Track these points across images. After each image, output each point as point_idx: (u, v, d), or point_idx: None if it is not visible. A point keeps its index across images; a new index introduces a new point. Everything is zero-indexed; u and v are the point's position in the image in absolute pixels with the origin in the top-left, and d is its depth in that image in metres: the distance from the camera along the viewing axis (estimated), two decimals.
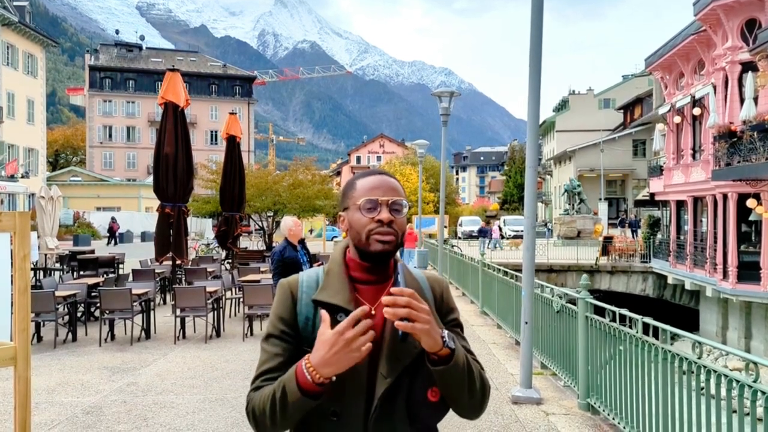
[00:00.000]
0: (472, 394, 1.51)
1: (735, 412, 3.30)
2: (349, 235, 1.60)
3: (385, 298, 1.38)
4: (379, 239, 1.52)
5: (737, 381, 3.29)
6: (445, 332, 1.45)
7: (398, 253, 1.64)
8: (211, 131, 68.73)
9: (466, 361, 1.48)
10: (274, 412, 1.43)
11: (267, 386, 1.48)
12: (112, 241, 36.64)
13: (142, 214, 48.59)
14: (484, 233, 34.02)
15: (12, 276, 2.53)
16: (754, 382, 3.13)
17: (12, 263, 2.51)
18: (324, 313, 1.41)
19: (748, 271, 17.60)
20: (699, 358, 3.73)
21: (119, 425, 5.32)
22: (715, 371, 3.53)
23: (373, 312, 1.53)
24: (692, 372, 3.85)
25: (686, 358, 3.91)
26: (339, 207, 1.67)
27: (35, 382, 6.69)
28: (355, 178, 1.64)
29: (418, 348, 1.46)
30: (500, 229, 36.63)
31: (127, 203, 52.43)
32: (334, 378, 1.42)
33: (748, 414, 3.27)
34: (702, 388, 3.70)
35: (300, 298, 1.59)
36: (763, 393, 3.11)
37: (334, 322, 1.49)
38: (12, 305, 2.55)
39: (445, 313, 1.65)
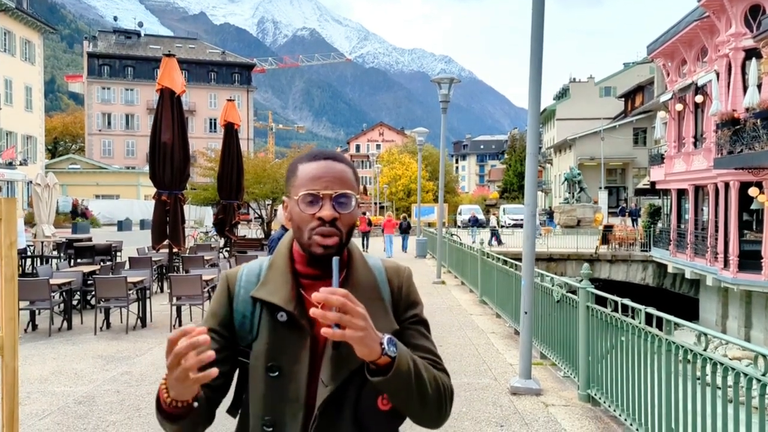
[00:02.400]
0: (424, 404, 1.31)
1: (742, 403, 3.21)
2: (291, 227, 1.41)
3: (315, 296, 1.19)
4: (319, 242, 1.33)
5: (745, 374, 3.19)
6: (386, 337, 1.24)
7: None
8: (210, 119, 68.42)
9: (413, 368, 1.28)
10: (158, 419, 1.30)
11: None
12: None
13: (141, 201, 48.43)
14: (476, 223, 33.65)
15: None
16: (763, 375, 3.02)
17: None
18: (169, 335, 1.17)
19: (749, 260, 17.53)
20: (705, 349, 3.62)
21: (111, 415, 5.24)
22: (721, 363, 3.43)
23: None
24: (697, 363, 3.75)
25: (691, 350, 3.80)
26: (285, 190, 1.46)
27: (29, 371, 6.60)
28: (298, 160, 1.43)
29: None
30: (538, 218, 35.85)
31: (126, 191, 52.29)
32: (195, 404, 1.24)
33: (753, 405, 3.18)
34: (707, 376, 3.60)
35: (237, 293, 1.42)
36: None
37: (273, 323, 1.37)
38: None
39: (405, 308, 1.46)
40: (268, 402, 1.35)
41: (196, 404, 1.24)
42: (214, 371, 1.15)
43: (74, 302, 9.89)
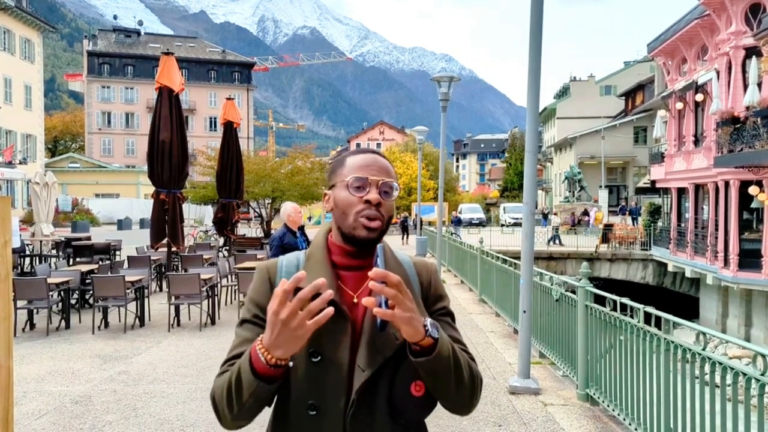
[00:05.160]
0: (459, 388, 1.39)
1: (741, 402, 3.19)
2: (333, 215, 1.49)
3: (372, 282, 1.25)
4: (365, 224, 1.42)
5: (744, 373, 3.16)
6: (428, 320, 1.33)
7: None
8: (210, 117, 68.40)
9: (452, 351, 1.36)
10: (230, 397, 1.32)
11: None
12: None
13: (141, 200, 48.42)
14: (458, 223, 33.26)
15: None
16: (762, 374, 2.99)
17: None
18: (278, 289, 1.23)
19: (749, 259, 17.50)
20: (703, 349, 3.60)
21: (108, 415, 5.20)
22: (720, 363, 3.40)
23: (355, 300, 1.43)
24: (695, 362, 3.72)
25: (690, 349, 3.78)
26: (326, 185, 1.56)
27: (25, 371, 6.58)
28: (346, 154, 1.54)
29: (400, 339, 1.35)
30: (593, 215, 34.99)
31: (126, 189, 52.28)
32: (291, 363, 1.30)
33: (752, 404, 3.16)
34: (706, 375, 3.57)
35: (277, 283, 1.45)
36: None
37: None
38: None
39: (434, 301, 1.54)
40: (312, 387, 1.39)
41: (291, 363, 1.30)
42: (331, 310, 1.21)
43: (72, 301, 9.87)
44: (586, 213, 35.05)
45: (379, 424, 1.41)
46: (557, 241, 26.86)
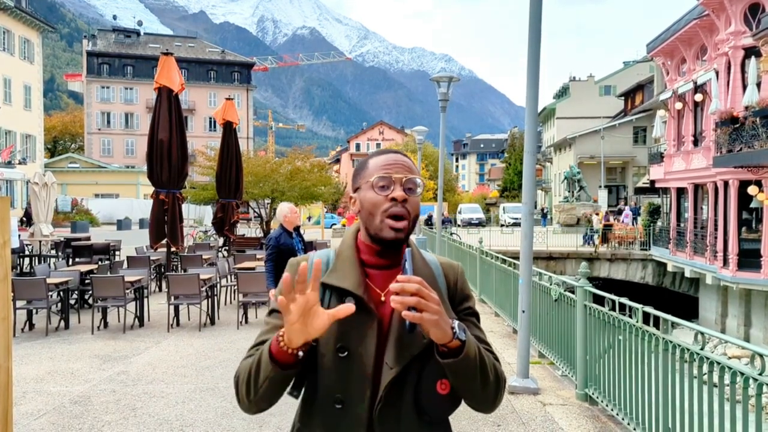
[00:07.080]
0: (485, 387, 1.42)
1: (739, 402, 3.19)
2: (360, 217, 1.54)
3: (392, 286, 1.30)
4: (391, 225, 1.46)
5: (742, 373, 3.17)
6: (456, 323, 1.36)
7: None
8: (210, 118, 68.22)
9: (478, 352, 1.39)
10: (249, 380, 1.39)
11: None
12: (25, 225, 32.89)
13: (140, 200, 48.41)
14: (447, 222, 33.18)
15: None
16: (760, 374, 3.00)
17: None
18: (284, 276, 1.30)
19: (749, 259, 17.51)
20: (702, 348, 3.60)
21: (107, 415, 5.21)
22: (718, 363, 3.41)
23: (383, 299, 1.48)
24: (694, 362, 3.73)
25: (688, 349, 3.78)
26: (351, 188, 1.61)
27: (25, 371, 6.58)
28: (368, 157, 1.59)
29: (427, 338, 1.39)
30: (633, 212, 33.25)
31: (125, 190, 52.29)
32: (300, 354, 1.35)
33: (750, 404, 3.16)
34: (705, 375, 3.58)
35: (308, 279, 1.52)
36: None
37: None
38: None
39: (460, 301, 1.58)
40: (339, 381, 1.44)
41: (301, 353, 1.34)
42: (351, 307, 1.28)
43: (72, 301, 9.87)
44: (620, 212, 34.87)
45: (405, 420, 1.44)
46: (593, 241, 26.70)
